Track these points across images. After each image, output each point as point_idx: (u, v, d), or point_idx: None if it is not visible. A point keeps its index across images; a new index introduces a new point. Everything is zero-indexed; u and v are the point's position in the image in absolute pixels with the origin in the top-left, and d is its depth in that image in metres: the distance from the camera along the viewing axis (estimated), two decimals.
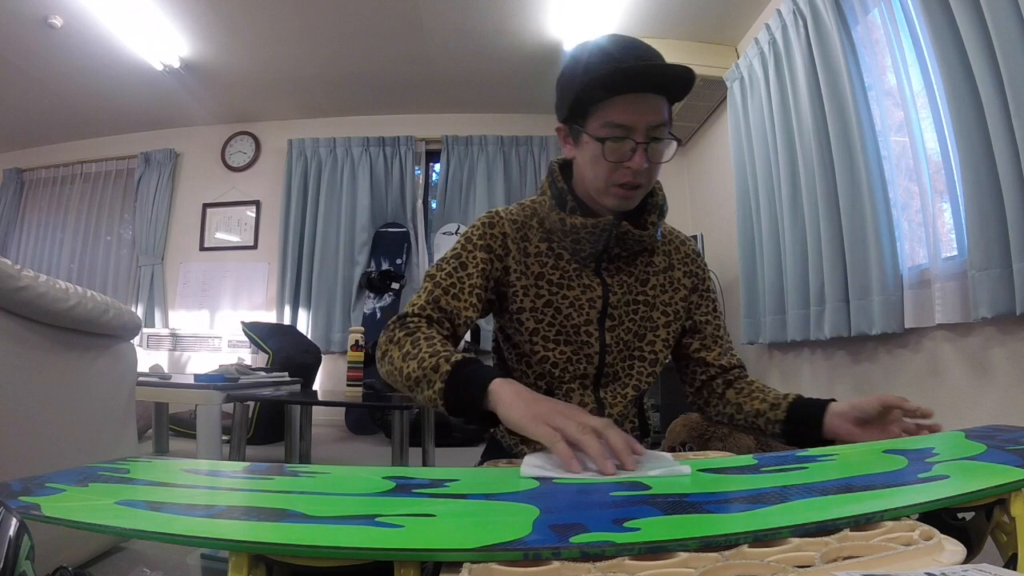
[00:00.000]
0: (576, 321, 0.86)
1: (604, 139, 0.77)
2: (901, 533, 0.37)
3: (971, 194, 1.52)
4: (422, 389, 0.72)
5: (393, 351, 0.77)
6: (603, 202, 0.83)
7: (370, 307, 3.94)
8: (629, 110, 0.76)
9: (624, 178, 0.79)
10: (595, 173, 0.81)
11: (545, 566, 0.34)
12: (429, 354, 0.73)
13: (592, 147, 0.79)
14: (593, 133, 0.78)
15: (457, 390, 0.69)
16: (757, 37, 2.69)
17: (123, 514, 0.45)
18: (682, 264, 0.94)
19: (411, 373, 0.73)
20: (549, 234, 0.88)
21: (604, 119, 0.77)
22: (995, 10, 1.42)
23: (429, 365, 0.71)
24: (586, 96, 0.78)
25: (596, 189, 0.82)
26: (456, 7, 3.01)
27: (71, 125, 4.31)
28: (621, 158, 0.78)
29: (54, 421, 1.13)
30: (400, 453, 1.80)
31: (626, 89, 0.76)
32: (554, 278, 0.86)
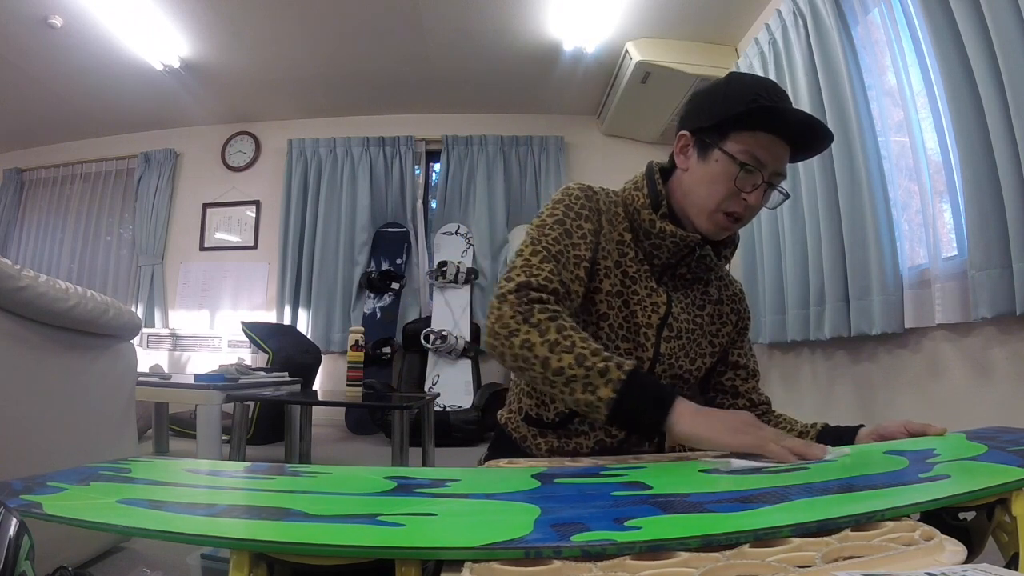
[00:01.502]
0: (639, 320, 0.85)
1: (743, 164, 0.78)
2: (902, 533, 0.37)
3: (971, 194, 1.52)
4: (574, 390, 0.68)
5: (532, 335, 0.71)
6: (701, 223, 0.83)
7: (370, 307, 3.94)
8: (769, 149, 0.78)
9: (735, 207, 0.81)
10: (710, 192, 0.81)
11: (546, 565, 0.34)
12: (591, 352, 0.69)
13: (721, 167, 0.79)
14: (733, 156, 0.78)
15: (632, 402, 0.66)
16: (757, 37, 2.69)
17: (124, 513, 0.45)
18: (730, 301, 0.96)
19: (563, 368, 0.69)
20: (632, 228, 0.86)
21: (745, 147, 0.78)
22: (995, 10, 1.42)
23: (595, 368, 0.67)
24: (740, 121, 0.78)
25: (702, 208, 0.82)
26: (456, 7, 3.01)
27: (71, 125, 4.31)
28: (743, 188, 0.79)
29: (54, 421, 1.13)
30: (400, 453, 1.80)
31: (772, 130, 0.78)
32: (629, 271, 0.85)
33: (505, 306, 0.74)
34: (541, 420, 0.88)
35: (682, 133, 0.84)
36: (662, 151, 4.21)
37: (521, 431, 0.91)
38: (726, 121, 0.79)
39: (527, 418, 0.90)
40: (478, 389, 3.56)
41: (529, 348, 0.71)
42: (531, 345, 0.71)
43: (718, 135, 0.79)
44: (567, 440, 0.87)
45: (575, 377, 0.68)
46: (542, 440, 0.89)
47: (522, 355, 0.71)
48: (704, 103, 0.84)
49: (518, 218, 4.06)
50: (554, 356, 0.69)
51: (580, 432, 0.87)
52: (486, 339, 0.76)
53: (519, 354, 0.72)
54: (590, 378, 0.67)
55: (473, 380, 3.60)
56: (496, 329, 0.74)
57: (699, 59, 3.06)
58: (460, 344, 3.58)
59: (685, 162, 0.84)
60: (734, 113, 0.78)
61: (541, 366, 0.70)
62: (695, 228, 0.85)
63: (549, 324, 0.71)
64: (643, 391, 0.67)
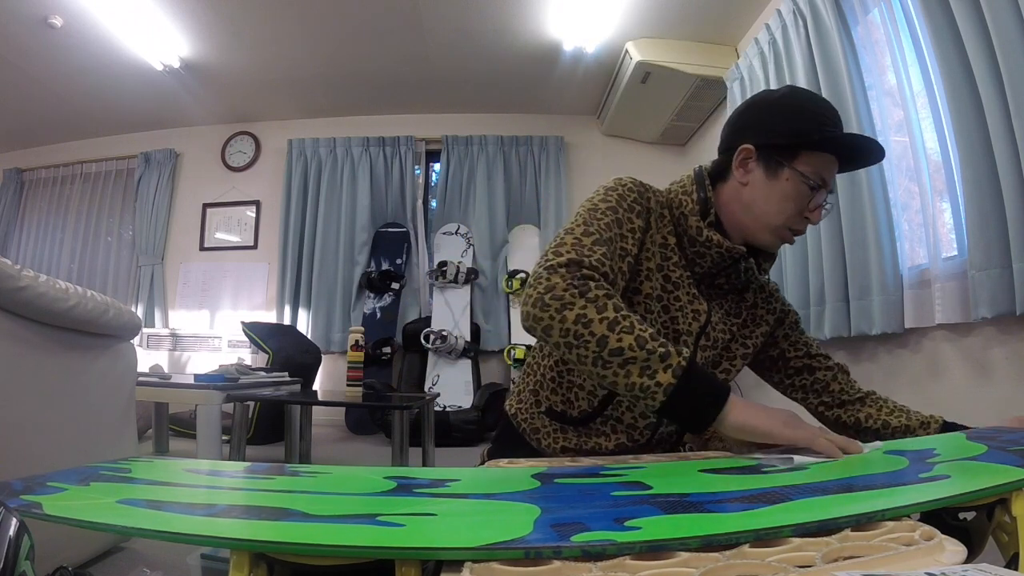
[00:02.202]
0: (680, 327, 0.84)
1: (815, 186, 0.80)
2: (902, 533, 0.37)
3: (971, 194, 1.52)
4: (630, 372, 0.65)
5: (589, 310, 0.67)
6: (763, 237, 0.84)
7: (370, 307, 3.94)
8: (830, 172, 0.82)
9: (799, 226, 0.83)
10: (781, 210, 0.81)
11: (546, 565, 0.34)
12: (650, 336, 0.67)
13: (792, 186, 0.80)
14: (806, 176, 0.80)
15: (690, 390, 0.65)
16: (757, 37, 2.69)
17: (124, 513, 0.45)
18: (764, 303, 0.95)
19: (623, 348, 0.65)
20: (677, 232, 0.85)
21: (814, 168, 0.80)
22: (995, 10, 1.42)
23: (656, 352, 0.65)
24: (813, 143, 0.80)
25: (767, 223, 0.82)
26: (456, 7, 3.01)
27: (71, 125, 4.31)
28: (810, 207, 0.82)
29: (54, 421, 1.13)
30: (400, 453, 1.80)
31: (836, 152, 0.81)
32: (672, 276, 0.84)
33: (556, 277, 0.70)
34: (565, 415, 0.87)
35: (746, 147, 0.83)
36: (662, 151, 4.22)
37: (536, 424, 0.89)
38: (796, 144, 0.80)
39: (549, 412, 0.88)
40: (478, 389, 3.56)
41: (585, 324, 0.67)
42: (588, 321, 0.67)
43: (789, 154, 0.80)
44: (586, 439, 0.86)
45: (634, 359, 0.65)
46: (560, 436, 0.87)
47: (575, 330, 0.67)
48: (770, 119, 0.84)
49: (518, 218, 4.06)
50: (613, 335, 0.66)
51: (601, 432, 0.86)
52: (529, 310, 0.70)
53: (572, 328, 0.67)
54: (650, 362, 0.65)
55: (473, 380, 3.60)
56: (547, 300, 0.69)
57: (699, 59, 3.06)
58: (460, 344, 3.58)
59: (745, 176, 0.84)
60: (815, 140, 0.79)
61: (597, 344, 0.66)
62: (747, 240, 0.85)
63: (607, 302, 0.68)
64: (701, 380, 0.67)
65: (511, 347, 3.58)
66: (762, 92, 0.91)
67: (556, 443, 0.87)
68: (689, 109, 3.45)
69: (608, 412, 0.85)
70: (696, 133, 3.80)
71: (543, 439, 0.88)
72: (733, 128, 0.87)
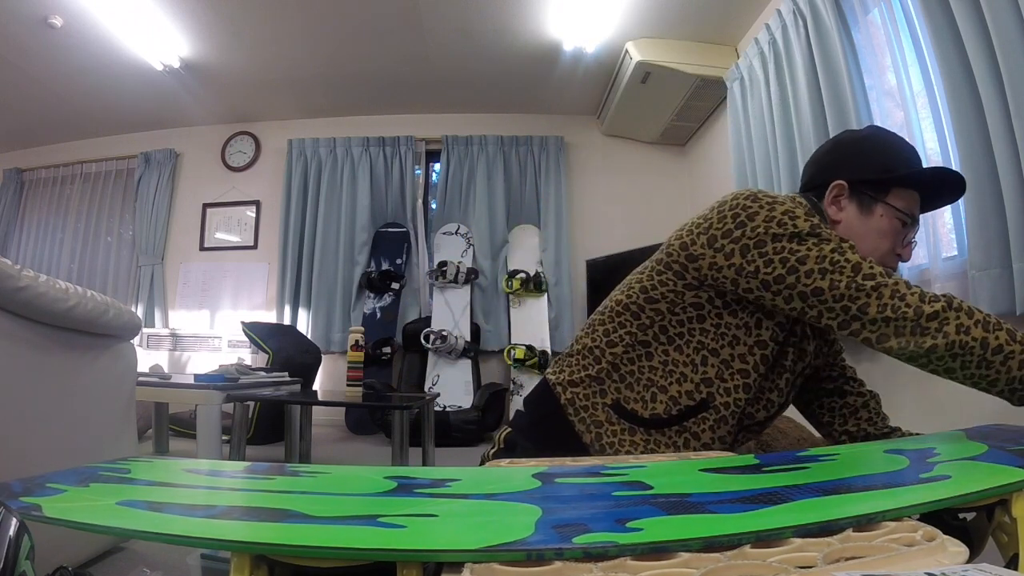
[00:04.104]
0: (786, 364, 0.83)
1: (909, 220, 0.83)
2: (904, 534, 0.37)
3: (971, 194, 1.52)
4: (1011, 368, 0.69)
5: (963, 318, 0.70)
6: None
7: (370, 307, 3.94)
8: (918, 209, 0.85)
9: (893, 263, 0.85)
10: (877, 246, 0.83)
11: (547, 566, 0.34)
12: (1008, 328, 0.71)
13: (887, 223, 0.83)
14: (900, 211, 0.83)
15: None
16: (757, 37, 2.69)
17: (124, 515, 0.45)
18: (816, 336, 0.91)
19: (1002, 345, 0.69)
20: None
21: (906, 204, 0.83)
22: (995, 10, 1.42)
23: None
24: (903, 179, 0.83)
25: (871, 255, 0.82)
26: (456, 7, 3.01)
27: (71, 125, 4.30)
28: (901, 243, 0.84)
29: (54, 421, 1.13)
30: (400, 453, 1.80)
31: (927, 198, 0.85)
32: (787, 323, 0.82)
33: (910, 297, 0.72)
34: (636, 415, 0.81)
35: (838, 183, 0.84)
36: (662, 151, 4.22)
37: (599, 416, 0.82)
38: (889, 180, 0.82)
39: (617, 407, 0.82)
40: (478, 389, 3.56)
41: (966, 332, 0.70)
42: (967, 328, 0.70)
43: (881, 190, 0.82)
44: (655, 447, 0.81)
45: (1012, 353, 0.69)
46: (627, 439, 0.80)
47: (959, 340, 0.70)
48: (860, 156, 0.85)
49: (518, 218, 4.06)
50: (991, 335, 0.69)
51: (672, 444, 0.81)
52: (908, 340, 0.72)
53: (956, 340, 0.70)
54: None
55: (473, 380, 3.60)
56: (923, 324, 0.71)
57: (699, 59, 3.06)
58: (460, 344, 3.58)
59: (839, 213, 0.85)
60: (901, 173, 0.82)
61: (981, 347, 0.69)
62: None
63: (969, 306, 0.72)
64: None
65: (511, 347, 3.58)
66: (847, 131, 0.94)
67: (622, 446, 0.80)
68: (689, 109, 3.44)
69: (688, 424, 0.80)
70: (696, 133, 3.80)
71: (604, 436, 0.81)
72: (820, 166, 0.88)
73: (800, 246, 0.75)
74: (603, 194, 4.06)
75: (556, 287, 3.84)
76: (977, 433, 0.72)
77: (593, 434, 0.81)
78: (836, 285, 0.73)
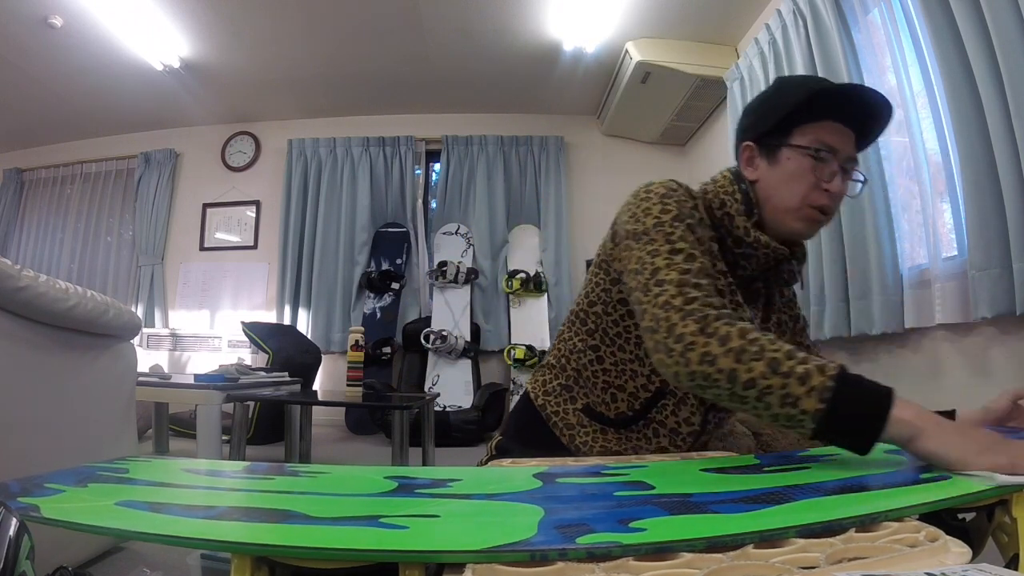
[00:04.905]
0: None
1: (818, 150, 0.77)
2: (907, 534, 0.37)
3: (971, 194, 1.52)
4: (770, 404, 0.59)
5: (711, 346, 0.62)
6: (790, 224, 0.80)
7: (370, 307, 3.94)
8: (837, 135, 0.77)
9: (820, 200, 0.78)
10: (792, 191, 0.78)
11: (549, 566, 0.34)
12: (784, 355, 0.59)
13: (795, 164, 0.78)
14: (805, 147, 0.77)
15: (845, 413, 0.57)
16: (757, 37, 2.69)
17: (123, 515, 0.45)
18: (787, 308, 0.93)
19: (755, 380, 0.59)
20: (719, 237, 0.81)
21: (814, 137, 0.77)
22: (995, 10, 1.42)
23: (794, 374, 0.58)
24: (800, 114, 0.78)
25: (788, 208, 0.79)
26: (456, 7, 3.00)
27: (71, 125, 4.30)
28: (822, 178, 0.77)
29: (54, 421, 1.13)
30: (400, 453, 1.80)
31: (833, 117, 0.77)
32: (718, 284, 0.79)
33: (673, 313, 0.65)
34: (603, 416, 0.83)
35: (745, 145, 0.83)
36: (662, 151, 4.21)
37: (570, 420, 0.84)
38: (785, 120, 0.78)
39: (587, 410, 0.84)
40: (478, 389, 3.55)
41: (711, 362, 0.61)
42: (712, 358, 0.61)
43: (783, 134, 0.79)
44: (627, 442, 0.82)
45: (770, 388, 0.58)
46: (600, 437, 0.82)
47: (702, 372, 0.62)
48: (759, 110, 0.83)
49: (518, 218, 4.06)
50: (742, 367, 0.60)
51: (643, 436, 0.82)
52: (659, 357, 0.67)
53: (698, 371, 0.62)
54: (788, 388, 0.58)
55: (473, 380, 3.60)
56: (670, 345, 0.64)
57: (699, 59, 3.06)
58: (460, 344, 3.58)
59: (754, 172, 0.82)
60: (793, 104, 0.77)
61: (728, 381, 0.60)
62: (782, 236, 0.81)
63: (729, 329, 0.62)
64: (856, 400, 0.57)
65: (511, 347, 3.58)
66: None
67: (595, 443, 0.82)
68: (689, 109, 3.44)
69: (652, 415, 0.81)
70: (696, 133, 3.80)
71: (578, 436, 0.83)
72: (736, 135, 0.87)
73: (636, 244, 0.75)
74: (603, 194, 4.06)
75: (556, 287, 3.84)
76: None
77: (567, 436, 0.84)
78: (635, 287, 0.72)
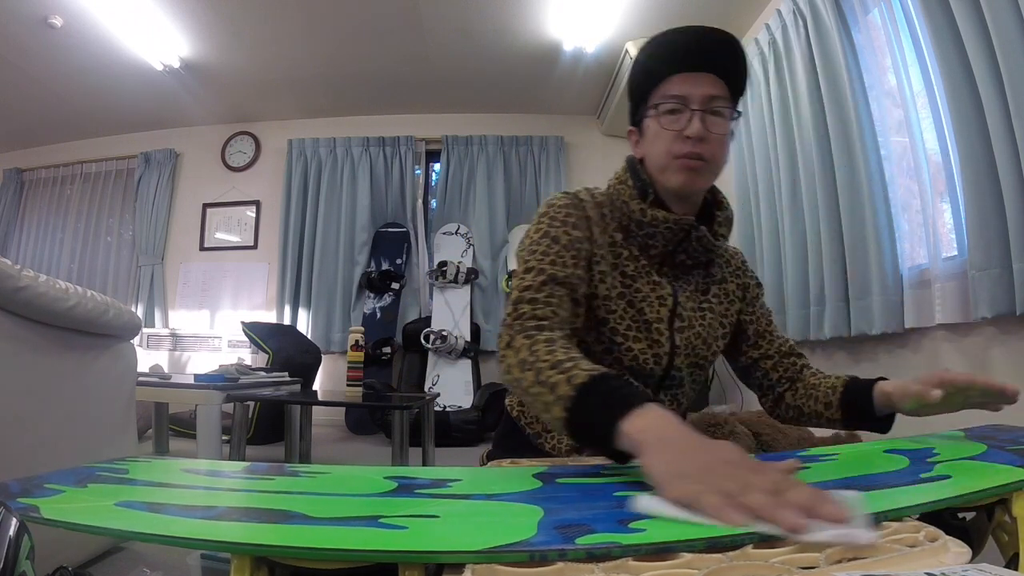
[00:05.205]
0: (648, 317, 0.83)
1: (658, 104, 0.79)
2: (906, 534, 0.37)
3: (971, 194, 1.52)
4: (539, 410, 0.64)
5: (509, 356, 0.70)
6: (669, 180, 0.81)
7: (370, 307, 3.94)
8: (686, 83, 0.79)
9: (683, 148, 0.78)
10: (658, 150, 0.80)
11: (549, 566, 0.34)
12: (549, 365, 0.63)
13: (654, 125, 0.80)
14: (656, 105, 0.80)
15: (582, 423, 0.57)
16: (757, 37, 2.69)
17: (123, 516, 0.45)
18: (733, 277, 0.94)
19: (528, 388, 0.65)
20: (623, 226, 0.85)
21: (660, 95, 0.80)
22: (995, 10, 1.42)
23: (548, 383, 0.61)
24: (646, 82, 0.81)
25: (661, 168, 0.81)
26: (456, 7, 3.01)
27: (71, 125, 4.30)
28: (677, 128, 0.78)
29: (54, 421, 1.13)
30: (400, 453, 1.80)
31: (682, 67, 0.79)
32: (627, 270, 0.84)
33: (504, 329, 0.74)
34: None
35: (629, 131, 0.89)
36: None
37: (538, 427, 0.90)
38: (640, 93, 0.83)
39: None
40: (478, 389, 3.55)
41: (508, 371, 0.69)
42: (509, 367, 0.69)
43: (644, 105, 0.83)
44: None
45: (537, 395, 0.63)
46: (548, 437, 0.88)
47: (508, 380, 0.70)
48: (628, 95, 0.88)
49: (518, 218, 4.06)
50: (524, 376, 0.66)
51: None
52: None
53: (507, 379, 0.70)
54: (544, 396, 0.62)
55: (473, 380, 3.60)
56: (499, 355, 0.73)
57: None
58: (460, 344, 3.58)
59: (640, 151, 0.86)
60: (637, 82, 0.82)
61: (519, 388, 0.67)
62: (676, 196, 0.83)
63: (523, 342, 0.69)
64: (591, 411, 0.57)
65: None
66: None
67: (562, 442, 0.87)
68: None
69: None
70: None
71: (547, 441, 0.89)
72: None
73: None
74: None
75: None
76: (976, 433, 0.72)
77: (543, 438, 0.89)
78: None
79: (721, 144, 0.80)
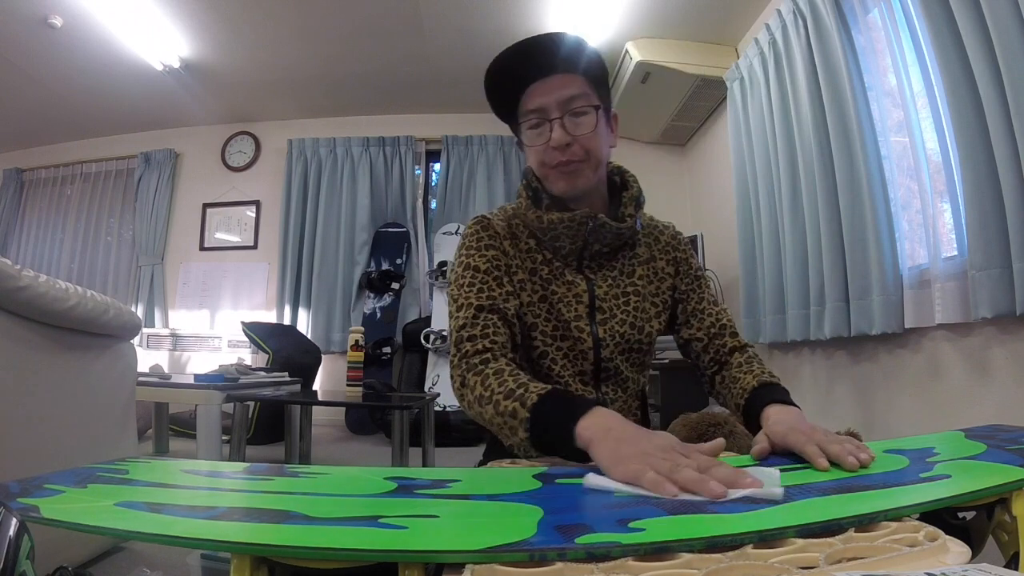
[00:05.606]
0: (567, 317, 0.86)
1: (520, 124, 0.83)
2: (906, 534, 0.37)
3: (971, 194, 1.52)
4: (507, 437, 0.70)
5: (466, 394, 0.75)
6: (553, 189, 0.85)
7: (370, 307, 3.94)
8: (538, 94, 0.81)
9: (553, 158, 0.81)
10: (534, 162, 0.84)
11: (548, 567, 0.34)
12: (504, 395, 0.69)
13: (526, 140, 0.84)
14: (520, 122, 0.83)
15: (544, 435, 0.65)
16: (757, 37, 2.69)
17: (123, 516, 0.45)
18: (663, 253, 0.95)
19: (490, 420, 0.71)
20: (532, 233, 0.89)
21: (523, 112, 0.82)
22: (995, 10, 1.42)
23: (506, 411, 0.68)
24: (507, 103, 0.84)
25: (544, 177, 0.85)
26: (456, 7, 3.01)
27: (71, 125, 4.31)
28: (544, 140, 0.81)
29: (54, 421, 1.13)
30: (400, 453, 1.80)
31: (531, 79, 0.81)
32: (543, 273, 0.87)
33: (452, 370, 0.79)
34: None
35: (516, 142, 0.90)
36: (662, 151, 4.21)
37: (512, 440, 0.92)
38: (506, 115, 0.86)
39: None
40: None
41: (469, 407, 0.75)
42: (470, 404, 0.75)
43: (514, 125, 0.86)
44: None
45: (501, 425, 0.69)
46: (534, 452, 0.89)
47: (471, 415, 0.76)
48: None
49: None
50: (485, 410, 0.71)
51: None
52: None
53: (470, 414, 0.76)
54: (509, 424, 0.68)
55: None
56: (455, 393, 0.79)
57: (699, 59, 3.06)
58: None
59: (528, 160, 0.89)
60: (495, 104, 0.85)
61: (482, 420, 0.73)
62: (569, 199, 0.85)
63: (475, 380, 0.74)
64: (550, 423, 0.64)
65: None
66: None
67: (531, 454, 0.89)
68: (689, 109, 3.44)
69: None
70: (696, 133, 3.80)
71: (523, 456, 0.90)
72: None
73: None
74: None
75: None
76: (976, 433, 0.72)
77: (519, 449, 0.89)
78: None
79: (592, 139, 0.81)
